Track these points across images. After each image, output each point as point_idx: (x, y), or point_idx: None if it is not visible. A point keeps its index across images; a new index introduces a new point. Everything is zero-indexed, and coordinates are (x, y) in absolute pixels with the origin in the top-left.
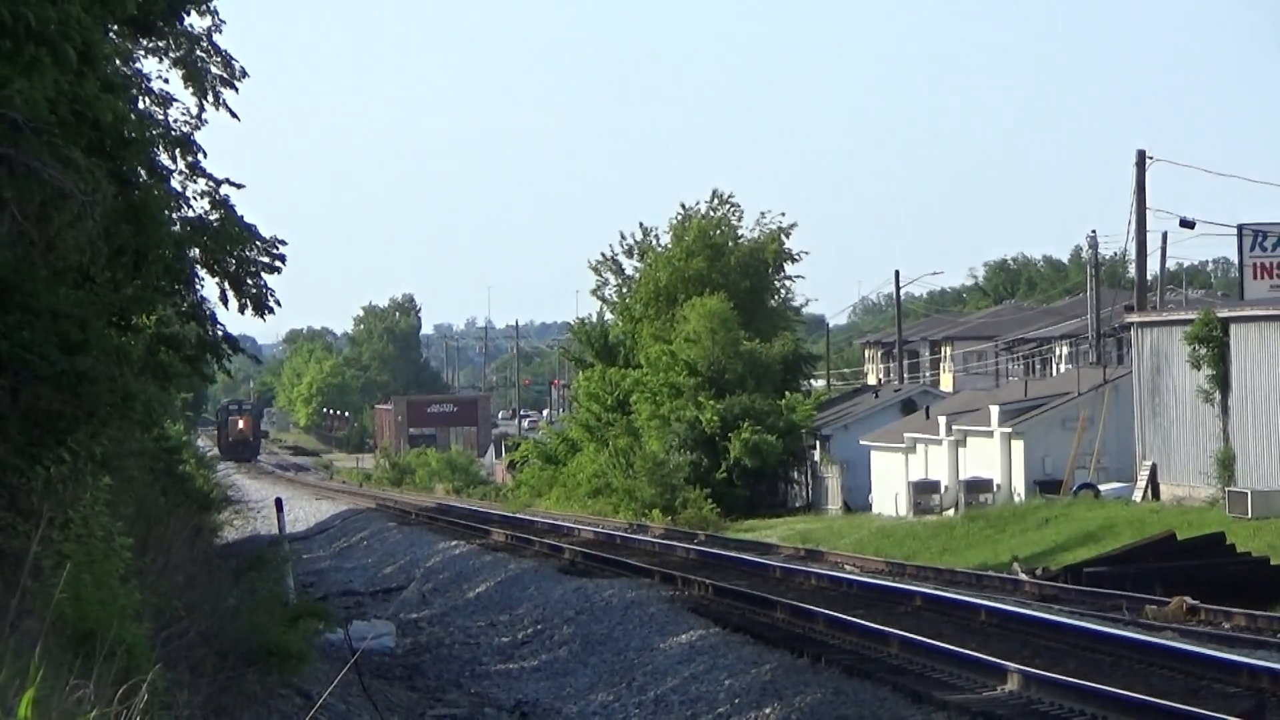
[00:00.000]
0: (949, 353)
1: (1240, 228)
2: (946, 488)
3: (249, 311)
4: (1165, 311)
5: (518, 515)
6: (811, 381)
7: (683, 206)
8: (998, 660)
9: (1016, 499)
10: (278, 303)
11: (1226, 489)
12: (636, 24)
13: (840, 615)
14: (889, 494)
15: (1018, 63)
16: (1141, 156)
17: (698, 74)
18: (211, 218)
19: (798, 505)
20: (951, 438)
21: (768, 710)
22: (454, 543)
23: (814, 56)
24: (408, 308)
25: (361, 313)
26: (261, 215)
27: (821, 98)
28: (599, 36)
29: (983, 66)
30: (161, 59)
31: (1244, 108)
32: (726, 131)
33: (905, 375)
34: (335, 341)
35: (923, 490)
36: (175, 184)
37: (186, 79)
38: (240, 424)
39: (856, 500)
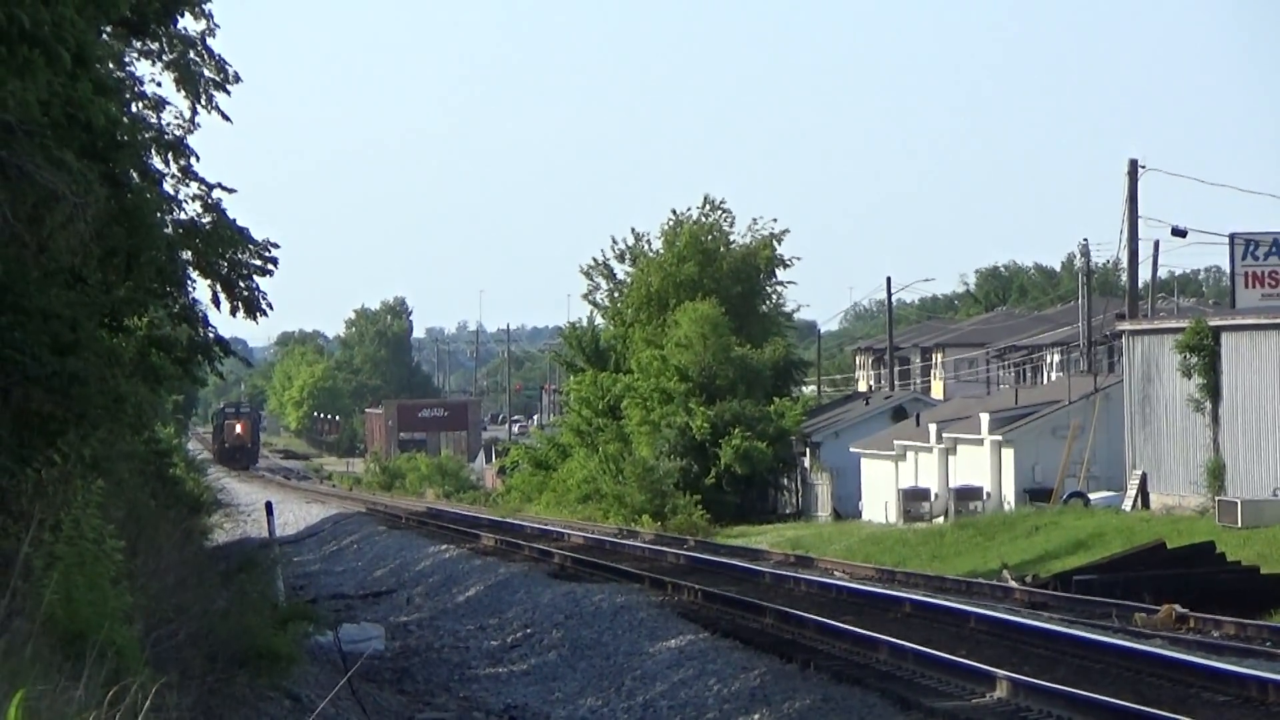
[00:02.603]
0: (940, 360)
1: (1232, 237)
2: (936, 495)
3: (240, 314)
4: (1157, 320)
5: (508, 520)
6: (802, 388)
7: (674, 212)
8: (986, 667)
9: (1006, 507)
10: (269, 305)
11: (1216, 498)
12: (629, 31)
13: (829, 621)
14: (879, 501)
15: (1011, 70)
16: (1134, 165)
17: (691, 80)
18: (203, 220)
19: (788, 512)
20: (942, 445)
21: (756, 716)
22: (444, 547)
23: (806, 63)
24: (399, 311)
25: (353, 315)
26: (253, 218)
27: (814, 104)
28: (592, 42)
29: (975, 73)
30: (154, 62)
31: (1237, 117)
32: (719, 138)
33: (896, 382)
34: (326, 344)
35: (913, 497)
36: (167, 187)
37: (179, 82)
38: (238, 428)
39: (846, 507)
